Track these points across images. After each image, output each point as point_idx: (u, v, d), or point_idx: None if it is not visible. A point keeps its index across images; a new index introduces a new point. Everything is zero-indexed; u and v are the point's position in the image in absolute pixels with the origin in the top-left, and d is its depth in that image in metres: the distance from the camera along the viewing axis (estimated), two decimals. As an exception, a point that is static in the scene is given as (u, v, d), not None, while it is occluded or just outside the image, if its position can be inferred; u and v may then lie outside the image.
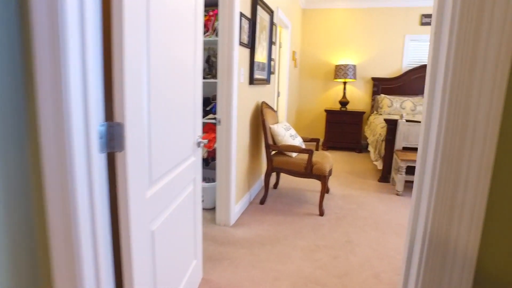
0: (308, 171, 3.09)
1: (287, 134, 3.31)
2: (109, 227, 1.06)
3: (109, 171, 1.07)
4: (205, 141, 1.79)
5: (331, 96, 6.51)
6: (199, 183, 1.90)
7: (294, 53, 5.68)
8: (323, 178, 3.06)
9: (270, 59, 3.66)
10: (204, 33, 3.06)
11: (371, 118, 5.63)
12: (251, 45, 2.98)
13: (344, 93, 6.09)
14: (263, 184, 3.83)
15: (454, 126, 0.98)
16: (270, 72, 3.70)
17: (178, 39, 1.41)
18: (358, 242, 2.65)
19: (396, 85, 6.04)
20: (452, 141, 0.99)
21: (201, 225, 2.03)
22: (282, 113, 5.21)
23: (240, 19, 2.62)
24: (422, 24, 5.86)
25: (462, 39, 0.94)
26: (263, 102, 3.34)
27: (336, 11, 6.20)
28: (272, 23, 3.63)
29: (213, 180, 3.32)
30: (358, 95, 6.39)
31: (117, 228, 1.12)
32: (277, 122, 3.54)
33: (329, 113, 6.01)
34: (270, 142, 3.22)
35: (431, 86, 1.05)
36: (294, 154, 3.27)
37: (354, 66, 5.90)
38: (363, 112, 5.89)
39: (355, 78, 5.95)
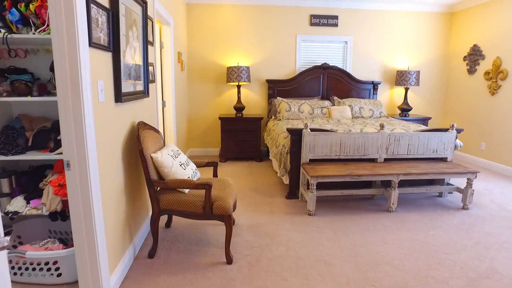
0: (207, 211, 2.38)
1: (176, 163, 2.53)
2: None
3: None
4: (6, 239, 0.92)
5: (225, 101, 5.91)
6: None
7: (179, 54, 4.87)
8: (227, 218, 2.39)
9: (147, 64, 2.81)
10: (38, 27, 2.05)
11: (270, 124, 5.22)
12: (113, 47, 2.10)
13: (239, 98, 5.56)
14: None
15: None
16: (148, 81, 2.85)
17: None
18: (279, 302, 2.07)
19: (291, 87, 5.78)
20: None
21: None
22: (170, 126, 4.37)
23: (89, 8, 1.73)
24: (312, 24, 5.70)
25: None
26: (141, 123, 2.49)
27: (224, 7, 5.60)
28: (146, 17, 2.78)
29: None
30: (254, 99, 5.93)
31: None
32: (162, 147, 2.72)
33: (224, 120, 5.40)
34: (154, 177, 2.40)
35: None
36: (187, 190, 2.52)
37: (248, 68, 5.41)
38: (261, 118, 5.45)
39: (249, 81, 5.46)
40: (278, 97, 5.65)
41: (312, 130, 3.61)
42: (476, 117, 5.61)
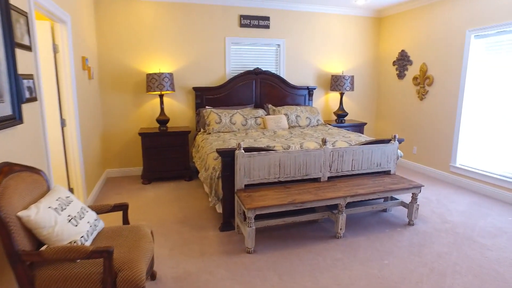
0: (109, 287, 1.70)
1: (62, 218, 1.79)
2: None
3: None
4: None
5: (147, 113, 5.12)
6: None
7: (84, 59, 3.99)
8: (138, 293, 1.73)
9: (16, 77, 2.01)
10: None
11: (198, 138, 4.58)
12: None
13: (162, 109, 4.83)
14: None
15: None
16: (20, 101, 2.05)
17: None
18: None
19: (221, 95, 5.21)
20: None
21: None
22: (74, 149, 3.50)
23: None
24: (242, 26, 5.19)
25: None
26: (4, 166, 1.70)
27: (143, 4, 4.81)
28: (8, 12, 1.98)
29: None
30: (179, 110, 5.23)
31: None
32: (45, 193, 1.95)
33: (145, 136, 4.63)
34: (24, 246, 1.64)
35: None
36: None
37: (171, 74, 4.70)
38: (188, 131, 4.79)
39: (173, 89, 4.76)
40: (207, 107, 5.04)
41: (246, 150, 3.08)
42: (408, 122, 5.62)
